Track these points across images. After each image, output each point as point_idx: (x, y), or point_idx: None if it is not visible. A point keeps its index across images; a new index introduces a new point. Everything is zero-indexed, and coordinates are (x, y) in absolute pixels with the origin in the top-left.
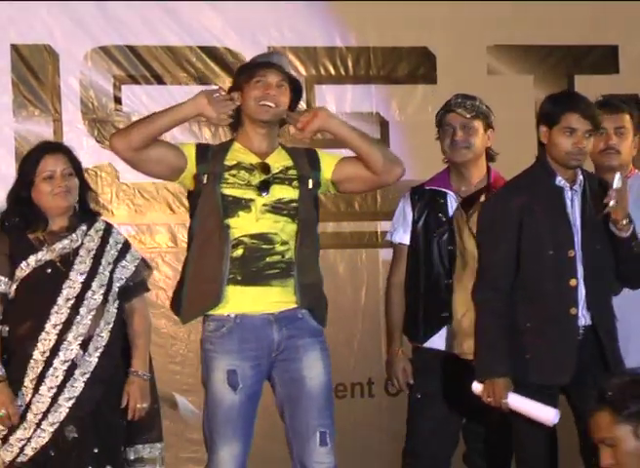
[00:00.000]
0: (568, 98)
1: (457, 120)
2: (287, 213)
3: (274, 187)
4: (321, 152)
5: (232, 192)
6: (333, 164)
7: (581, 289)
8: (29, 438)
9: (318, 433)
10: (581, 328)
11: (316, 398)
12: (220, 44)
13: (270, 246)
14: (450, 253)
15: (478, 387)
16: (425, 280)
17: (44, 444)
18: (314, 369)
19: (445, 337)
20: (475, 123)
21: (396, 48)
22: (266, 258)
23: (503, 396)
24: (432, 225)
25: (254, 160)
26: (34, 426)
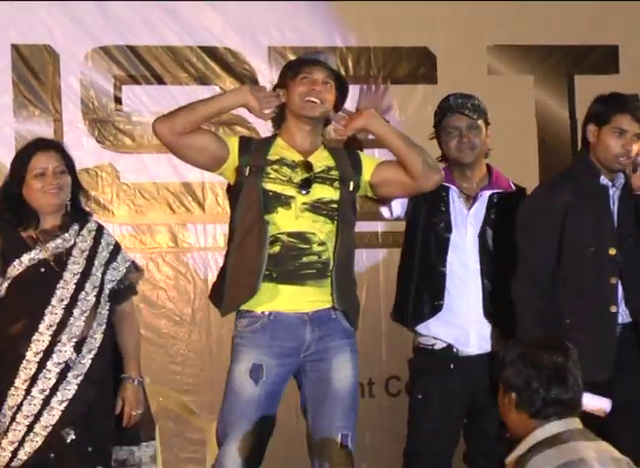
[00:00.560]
0: (619, 100)
1: (463, 121)
2: (326, 213)
3: (315, 186)
4: (363, 155)
5: (273, 187)
6: (372, 167)
7: (621, 286)
8: (22, 441)
9: (340, 435)
10: (620, 325)
11: (342, 400)
12: (221, 44)
13: (307, 245)
14: (446, 240)
15: None
16: (420, 266)
17: (38, 447)
18: (343, 370)
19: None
20: (479, 122)
21: (396, 48)
22: (303, 258)
23: None
24: (432, 212)
25: (296, 157)
26: (25, 429)
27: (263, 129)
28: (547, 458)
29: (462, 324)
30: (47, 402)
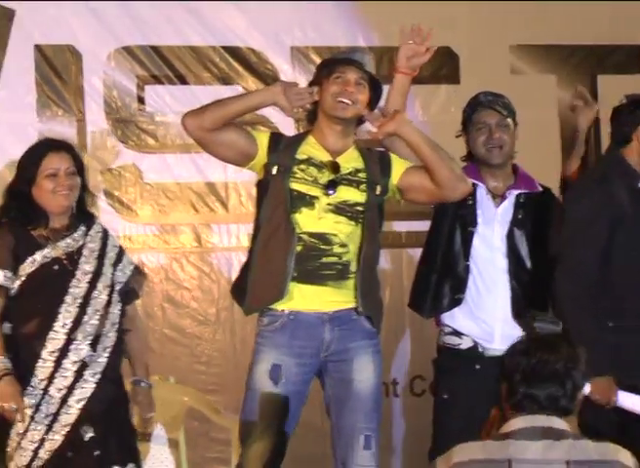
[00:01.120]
0: None
1: (493, 118)
2: (350, 215)
3: (341, 188)
4: (394, 157)
5: (298, 187)
6: (401, 170)
7: None
8: (42, 440)
9: (363, 436)
10: None
11: (364, 401)
12: (244, 44)
13: (328, 246)
14: (471, 234)
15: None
16: (443, 257)
17: (58, 446)
18: (364, 372)
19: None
20: (509, 121)
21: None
22: (323, 258)
23: (613, 394)
24: (459, 205)
25: (325, 157)
26: (45, 428)
27: (287, 129)
28: (474, 450)
29: (488, 320)
30: (65, 400)
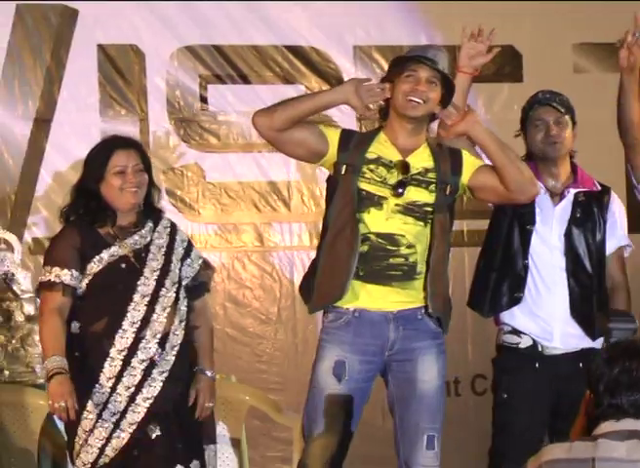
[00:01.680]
0: None
1: (550, 115)
2: (418, 216)
3: (410, 189)
4: (466, 155)
5: (367, 187)
6: (473, 169)
7: None
8: (108, 438)
9: (426, 436)
10: None
11: (428, 401)
12: (307, 43)
13: (395, 247)
14: (529, 233)
15: None
16: (502, 256)
17: (124, 444)
18: (429, 372)
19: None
20: (567, 118)
21: None
22: (390, 259)
23: None
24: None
25: (395, 156)
26: (112, 426)
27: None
28: (561, 449)
29: (547, 319)
30: (132, 399)
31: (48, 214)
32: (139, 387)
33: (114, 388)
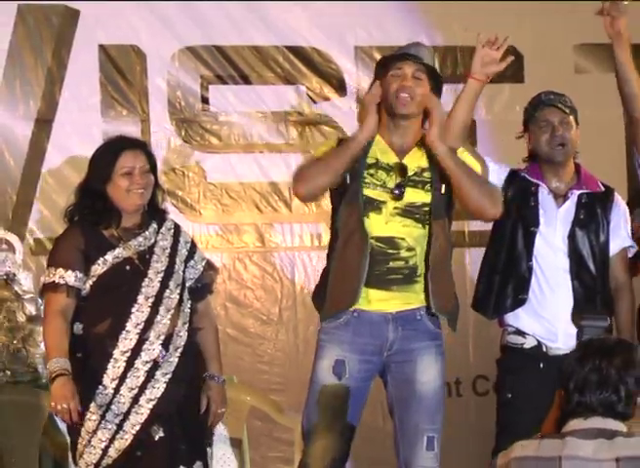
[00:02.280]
0: None
1: (555, 115)
2: (418, 217)
3: (407, 190)
4: (462, 155)
5: (368, 192)
6: None
7: None
8: (111, 439)
9: (426, 437)
10: None
11: (427, 402)
12: (307, 44)
13: (395, 251)
14: (533, 234)
15: None
16: (506, 258)
17: (127, 445)
18: (428, 373)
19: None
20: (571, 118)
21: None
22: (390, 263)
23: None
24: (521, 206)
25: (392, 159)
26: (115, 427)
27: (350, 127)
28: (530, 447)
29: (552, 320)
30: (135, 400)
31: (49, 214)
32: (142, 388)
33: (117, 389)
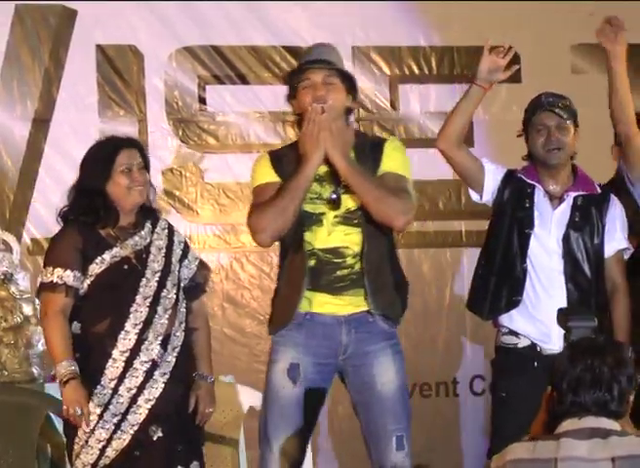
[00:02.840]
0: None
1: (552, 120)
2: (357, 222)
3: (342, 197)
4: (388, 148)
5: (306, 207)
6: (384, 169)
7: None
8: (109, 439)
9: (395, 437)
10: None
11: (390, 403)
12: (305, 44)
13: (341, 259)
14: (528, 236)
15: None
16: (501, 260)
17: (125, 445)
18: (386, 374)
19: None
20: (568, 123)
21: (480, 47)
22: (337, 272)
23: None
24: (516, 208)
25: (321, 169)
26: (113, 427)
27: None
28: (524, 449)
29: (545, 321)
30: (134, 400)
31: (47, 214)
32: (140, 388)
33: (116, 389)
